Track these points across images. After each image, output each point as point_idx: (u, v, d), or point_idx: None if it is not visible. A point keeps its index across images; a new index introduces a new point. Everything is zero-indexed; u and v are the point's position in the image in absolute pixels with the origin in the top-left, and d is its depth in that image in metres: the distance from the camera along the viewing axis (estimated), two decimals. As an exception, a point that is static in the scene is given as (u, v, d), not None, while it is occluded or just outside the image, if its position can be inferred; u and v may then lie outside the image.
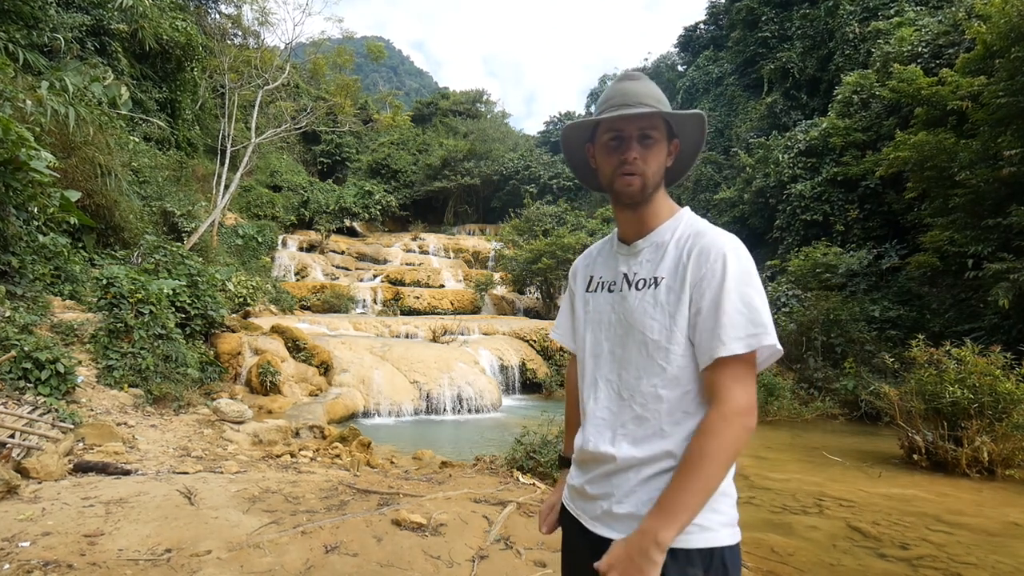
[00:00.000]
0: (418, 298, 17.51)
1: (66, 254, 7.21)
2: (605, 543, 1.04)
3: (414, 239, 25.13)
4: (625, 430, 1.06)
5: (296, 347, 8.63)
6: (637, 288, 1.08)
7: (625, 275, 1.12)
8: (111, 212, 9.28)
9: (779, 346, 0.99)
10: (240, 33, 22.46)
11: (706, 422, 0.98)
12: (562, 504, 1.24)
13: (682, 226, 1.09)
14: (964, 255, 9.04)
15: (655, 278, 1.06)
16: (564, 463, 1.31)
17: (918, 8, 15.82)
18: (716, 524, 1.00)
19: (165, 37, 14.78)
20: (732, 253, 1.00)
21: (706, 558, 0.98)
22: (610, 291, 1.14)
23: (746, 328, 0.96)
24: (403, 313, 16.64)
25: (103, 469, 3.73)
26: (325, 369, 8.59)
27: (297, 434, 6.01)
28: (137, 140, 12.73)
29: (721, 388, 0.98)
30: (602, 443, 1.07)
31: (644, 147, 1.06)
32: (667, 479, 1.01)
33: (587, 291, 1.21)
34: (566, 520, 1.20)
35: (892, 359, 6.81)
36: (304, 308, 15.83)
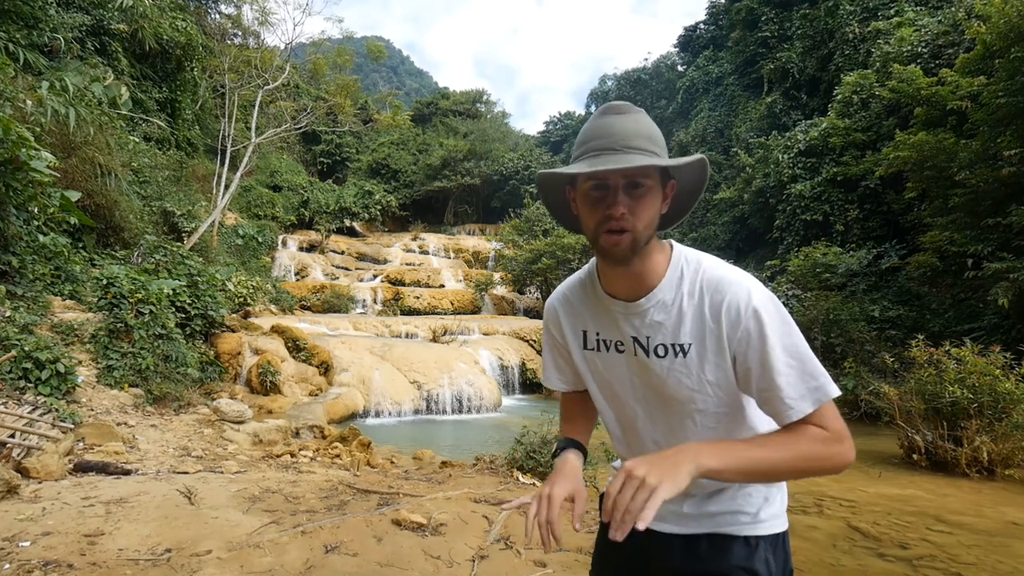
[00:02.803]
0: (418, 298, 17.51)
1: (66, 254, 7.20)
2: (662, 536, 1.07)
3: (414, 239, 25.13)
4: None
5: (296, 347, 8.63)
6: (658, 355, 0.98)
7: (635, 339, 1.00)
8: (111, 212, 9.27)
9: (838, 391, 0.91)
10: (240, 33, 22.46)
11: (814, 431, 0.90)
12: (602, 498, 1.19)
13: (686, 277, 0.97)
14: (964, 255, 9.04)
15: (679, 345, 0.96)
16: (573, 444, 1.14)
17: (918, 8, 15.82)
18: (780, 512, 1.08)
19: (165, 37, 14.78)
20: (762, 305, 0.92)
21: (774, 542, 1.05)
22: (619, 351, 1.03)
23: (807, 383, 0.90)
24: (403, 313, 16.64)
25: (103, 469, 3.73)
26: (325, 369, 8.59)
27: (297, 434, 6.01)
28: (137, 140, 12.72)
29: (816, 420, 0.91)
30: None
31: (633, 197, 0.90)
32: (733, 490, 1.05)
33: (585, 349, 1.09)
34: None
35: (892, 359, 6.80)
36: (304, 308, 15.83)
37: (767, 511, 1.04)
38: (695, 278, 0.97)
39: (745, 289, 0.93)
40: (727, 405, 0.99)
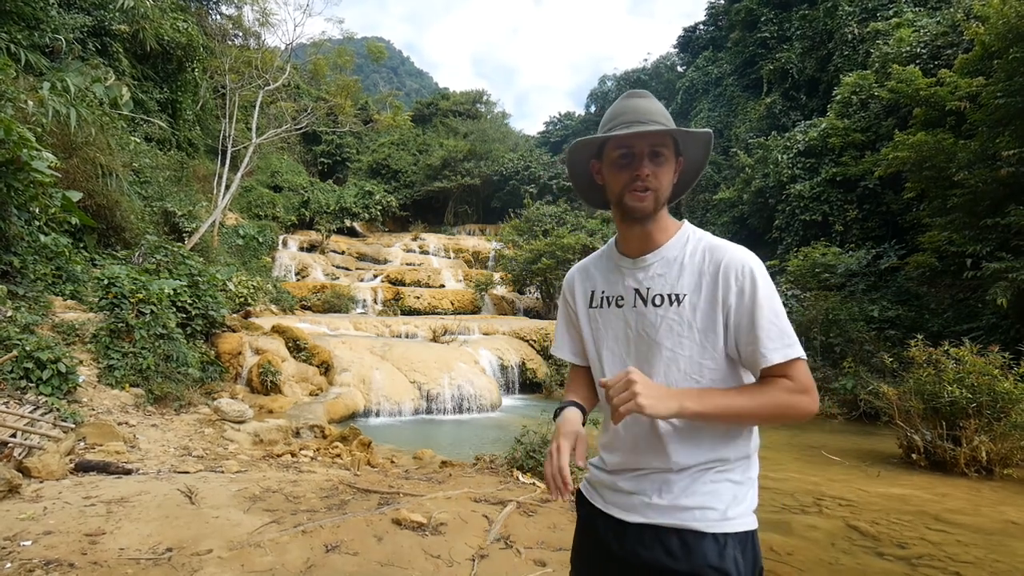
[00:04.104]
0: (418, 298, 17.52)
1: (67, 254, 7.22)
2: (635, 527, 1.09)
3: (414, 239, 25.14)
4: (672, 439, 1.08)
5: (297, 347, 8.64)
6: (655, 304, 1.10)
7: (636, 290, 1.13)
8: (112, 212, 9.29)
9: (803, 353, 1.05)
10: (241, 34, 22.49)
11: (783, 382, 1.03)
12: (579, 494, 1.25)
13: (691, 241, 1.12)
14: (962, 255, 9.06)
15: (676, 295, 1.08)
16: (571, 403, 1.20)
17: (917, 9, 15.85)
18: (749, 511, 1.09)
19: (166, 38, 14.80)
20: (758, 268, 1.06)
21: (743, 540, 1.06)
22: (619, 306, 1.15)
23: (782, 339, 1.02)
24: (403, 313, 16.65)
25: (104, 468, 3.74)
26: (326, 369, 8.60)
27: (298, 434, 6.02)
28: (138, 140, 12.73)
29: (787, 373, 1.03)
30: (652, 459, 1.10)
31: (655, 164, 1.08)
32: (713, 475, 1.07)
33: (590, 307, 1.21)
34: (585, 513, 1.22)
35: (891, 359, 6.81)
36: (305, 308, 15.84)
37: (735, 509, 1.06)
38: (698, 243, 1.12)
39: (741, 255, 1.07)
40: (711, 359, 1.08)
